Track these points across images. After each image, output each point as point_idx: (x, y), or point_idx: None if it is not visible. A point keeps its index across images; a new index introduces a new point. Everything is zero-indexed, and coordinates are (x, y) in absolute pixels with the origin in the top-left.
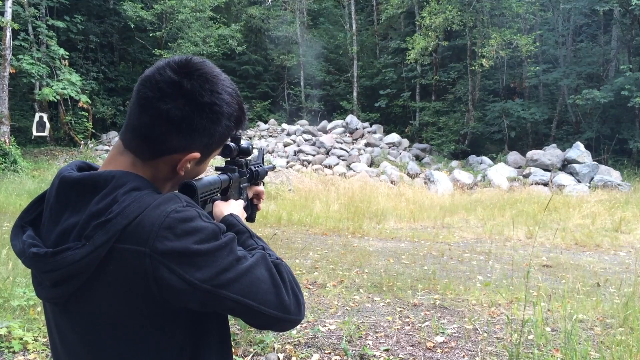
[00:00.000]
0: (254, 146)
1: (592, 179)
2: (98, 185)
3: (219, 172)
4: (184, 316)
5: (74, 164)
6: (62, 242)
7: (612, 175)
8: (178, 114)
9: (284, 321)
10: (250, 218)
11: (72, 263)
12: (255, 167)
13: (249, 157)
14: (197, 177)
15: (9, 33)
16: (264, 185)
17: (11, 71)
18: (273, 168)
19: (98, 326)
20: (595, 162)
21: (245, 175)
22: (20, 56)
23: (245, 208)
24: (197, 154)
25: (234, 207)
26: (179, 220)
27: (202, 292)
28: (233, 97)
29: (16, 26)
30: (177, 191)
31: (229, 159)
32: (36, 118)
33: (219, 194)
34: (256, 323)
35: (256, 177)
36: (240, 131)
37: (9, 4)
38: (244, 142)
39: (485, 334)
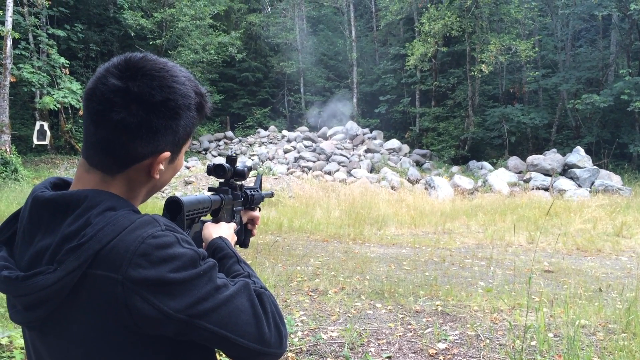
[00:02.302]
0: (250, 168)
1: (592, 183)
2: (70, 205)
3: (212, 193)
4: (163, 343)
5: (49, 181)
6: (35, 264)
7: (613, 179)
8: (134, 121)
9: (263, 354)
10: (243, 244)
11: (44, 288)
12: (250, 192)
13: (245, 180)
14: (185, 195)
15: (9, 42)
16: (259, 210)
17: (12, 80)
18: (271, 195)
19: (72, 352)
20: (595, 167)
21: (240, 199)
22: (21, 65)
23: (239, 233)
24: (167, 154)
25: (224, 230)
26: (155, 246)
27: (177, 322)
28: (187, 86)
29: (17, 35)
30: (165, 203)
31: (222, 180)
32: (37, 126)
33: (210, 215)
34: (233, 355)
35: (251, 202)
36: (204, 117)
37: (9, 13)
38: (239, 164)
39: (488, 340)
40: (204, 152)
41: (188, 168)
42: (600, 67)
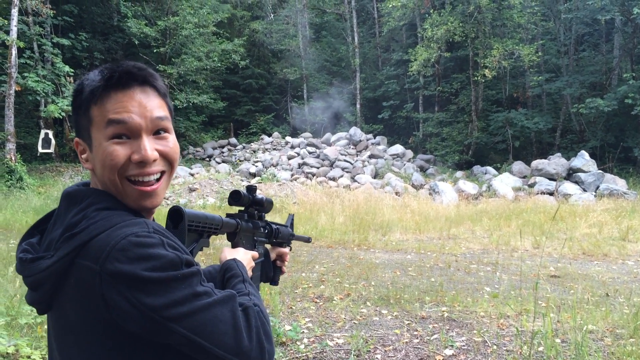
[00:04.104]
0: (271, 202)
1: (597, 187)
2: (77, 199)
3: (228, 217)
4: (143, 343)
5: (82, 182)
6: (48, 249)
7: (618, 183)
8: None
9: None
10: (273, 281)
11: (40, 271)
12: (276, 226)
13: (264, 210)
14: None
15: (14, 51)
16: (290, 249)
17: (17, 89)
18: (308, 240)
19: (67, 337)
20: (600, 171)
21: (260, 228)
22: (26, 74)
23: (267, 269)
24: (76, 139)
25: (240, 255)
26: (135, 244)
27: (149, 320)
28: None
29: (21, 44)
30: (168, 212)
31: (241, 207)
32: (41, 135)
33: (227, 239)
34: None
35: (276, 235)
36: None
37: (14, 22)
38: (259, 194)
39: (495, 347)
40: (207, 159)
41: (192, 175)
42: (603, 71)
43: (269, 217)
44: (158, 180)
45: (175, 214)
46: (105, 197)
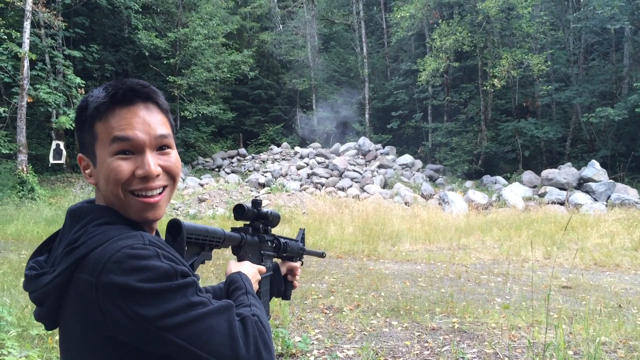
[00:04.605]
0: (278, 216)
1: (609, 197)
2: (80, 216)
3: (233, 231)
4: (144, 352)
5: (86, 200)
6: (52, 267)
7: (629, 193)
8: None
9: None
10: (285, 295)
11: (43, 286)
12: (284, 240)
13: (271, 224)
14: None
15: (26, 63)
16: (302, 264)
17: (29, 100)
18: (322, 255)
19: (72, 352)
20: (611, 180)
21: (266, 242)
22: (38, 85)
23: (278, 283)
24: (79, 155)
25: (246, 268)
26: (129, 256)
27: (145, 331)
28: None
29: (34, 56)
30: (167, 225)
31: (246, 221)
32: (53, 146)
33: (232, 252)
34: None
35: (284, 249)
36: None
37: (26, 35)
38: (264, 208)
39: (507, 359)
40: (217, 170)
41: (202, 185)
42: (613, 80)
43: (277, 230)
44: (160, 193)
45: (174, 227)
46: (106, 212)
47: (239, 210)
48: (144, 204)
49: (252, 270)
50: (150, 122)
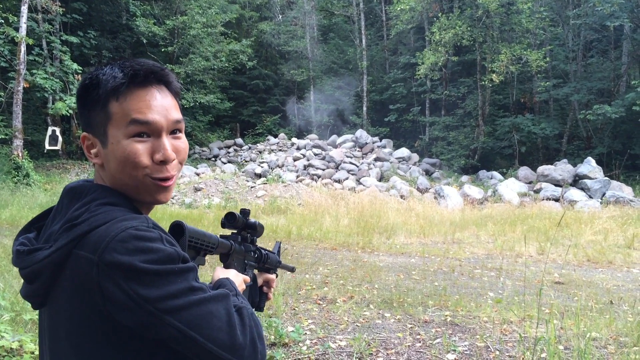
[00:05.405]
0: (262, 226)
1: (603, 194)
2: (81, 194)
3: (223, 238)
4: (134, 339)
5: (83, 179)
6: (46, 242)
7: (624, 191)
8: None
9: None
10: (258, 307)
11: (37, 262)
12: (265, 251)
13: (256, 233)
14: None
15: (23, 48)
16: (277, 276)
17: (25, 85)
18: (292, 269)
19: (59, 331)
20: (606, 178)
21: (250, 252)
22: (34, 71)
23: (254, 294)
24: (84, 134)
25: (232, 275)
26: (134, 237)
27: (144, 312)
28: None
29: (30, 41)
30: (170, 225)
31: (234, 230)
32: (49, 132)
33: (219, 260)
34: None
35: (265, 260)
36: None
37: (23, 19)
38: (252, 219)
39: (497, 352)
40: (213, 159)
41: (198, 175)
42: (611, 78)
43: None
44: (173, 176)
45: (177, 229)
46: (109, 192)
47: (230, 219)
48: (159, 186)
49: (238, 279)
50: (166, 105)
